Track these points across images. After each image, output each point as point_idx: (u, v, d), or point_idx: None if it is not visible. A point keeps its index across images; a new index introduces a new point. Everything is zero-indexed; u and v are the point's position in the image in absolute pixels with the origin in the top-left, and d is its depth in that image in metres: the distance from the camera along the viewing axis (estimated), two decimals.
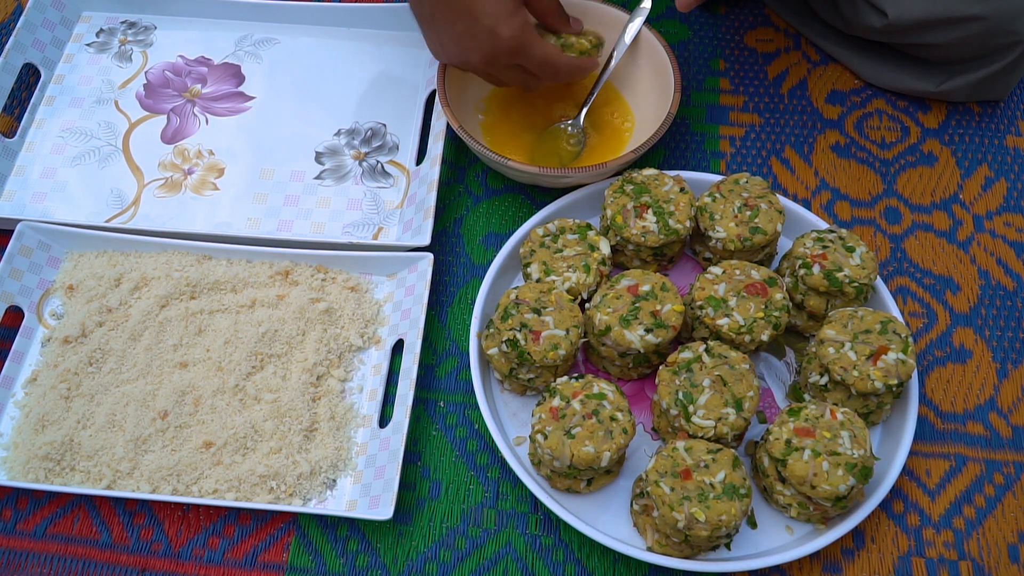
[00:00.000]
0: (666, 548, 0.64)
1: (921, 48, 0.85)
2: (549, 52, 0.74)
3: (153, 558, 0.67)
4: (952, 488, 0.70)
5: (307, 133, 0.88)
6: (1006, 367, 0.75)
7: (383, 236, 0.81)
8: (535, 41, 0.73)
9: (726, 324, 0.68)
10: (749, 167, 0.86)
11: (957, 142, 0.87)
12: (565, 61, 0.76)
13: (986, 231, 0.82)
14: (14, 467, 0.69)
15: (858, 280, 0.70)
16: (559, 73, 0.76)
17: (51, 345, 0.74)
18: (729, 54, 0.93)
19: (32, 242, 0.78)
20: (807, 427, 0.63)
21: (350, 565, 0.67)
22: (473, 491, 0.70)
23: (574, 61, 0.77)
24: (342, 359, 0.74)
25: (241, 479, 0.68)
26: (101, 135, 0.88)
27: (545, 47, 0.74)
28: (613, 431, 0.63)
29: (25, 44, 0.90)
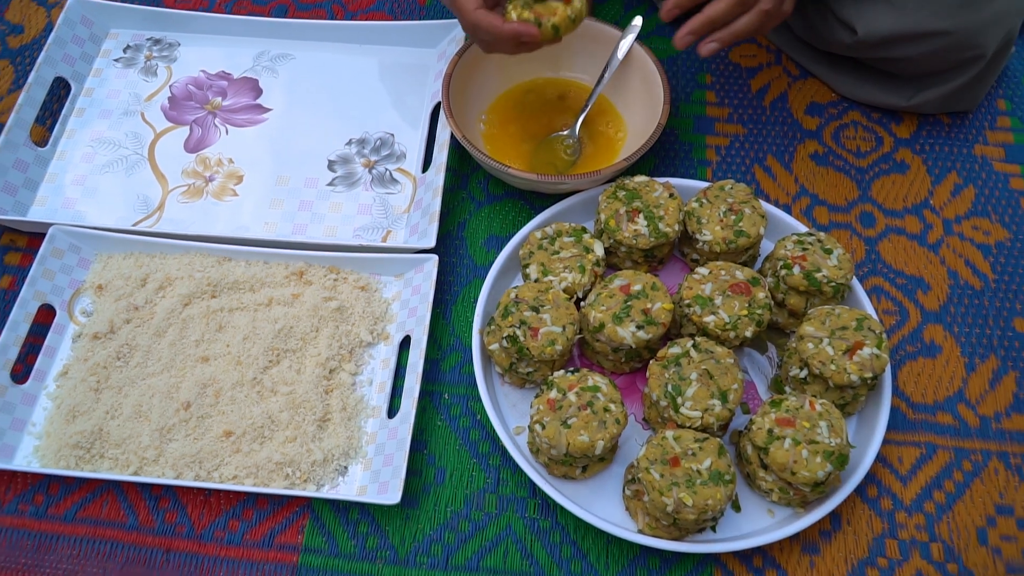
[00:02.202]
0: (656, 530, 0.64)
1: (890, 62, 0.85)
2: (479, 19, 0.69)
3: (177, 539, 0.67)
4: (923, 474, 0.70)
5: (320, 142, 0.88)
6: (973, 361, 0.75)
7: (391, 239, 0.81)
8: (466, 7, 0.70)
9: (712, 321, 0.68)
10: (734, 174, 0.86)
11: (928, 151, 0.87)
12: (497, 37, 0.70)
13: (955, 234, 0.82)
14: (46, 455, 0.69)
15: (835, 280, 0.70)
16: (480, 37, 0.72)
17: (81, 341, 0.74)
18: (715, 69, 0.93)
19: (63, 244, 0.78)
20: (788, 417, 0.63)
21: (360, 546, 0.67)
22: (475, 477, 0.70)
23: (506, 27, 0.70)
24: (353, 354, 0.74)
25: (259, 466, 0.68)
26: (128, 144, 0.88)
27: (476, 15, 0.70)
28: (606, 421, 0.63)
29: (56, 59, 0.90)
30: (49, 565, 0.66)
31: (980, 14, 0.78)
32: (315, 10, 0.99)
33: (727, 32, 0.71)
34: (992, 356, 0.75)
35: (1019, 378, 0.74)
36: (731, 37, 0.71)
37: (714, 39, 0.72)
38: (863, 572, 0.65)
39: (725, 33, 0.71)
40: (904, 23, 0.80)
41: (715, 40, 0.72)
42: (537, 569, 0.66)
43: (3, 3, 1.00)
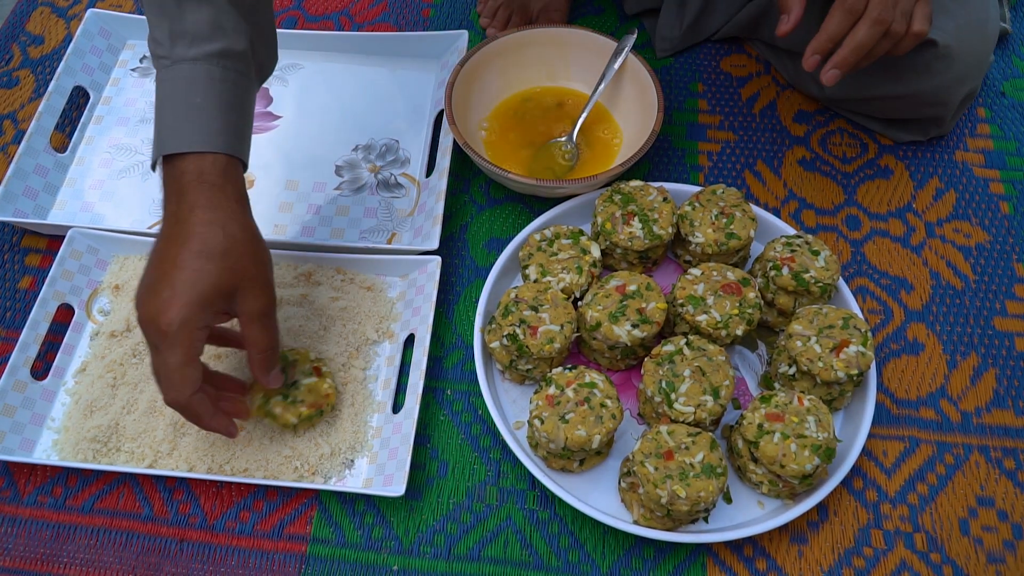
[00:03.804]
0: (650, 521, 0.63)
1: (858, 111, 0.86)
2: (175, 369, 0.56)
3: (190, 530, 0.67)
4: (907, 467, 0.69)
5: (328, 148, 0.87)
6: (955, 359, 0.74)
7: (396, 241, 0.80)
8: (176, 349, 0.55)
9: (704, 320, 0.68)
10: (725, 179, 0.85)
11: (911, 157, 0.86)
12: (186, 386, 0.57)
13: (937, 237, 0.81)
14: (65, 448, 0.68)
15: (822, 280, 0.69)
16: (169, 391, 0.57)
17: (99, 339, 0.74)
18: (707, 78, 0.93)
19: (82, 246, 0.77)
20: (777, 413, 0.63)
21: (366, 536, 0.66)
22: (477, 470, 0.69)
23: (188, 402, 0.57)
24: (359, 352, 0.73)
25: (269, 459, 0.67)
26: (144, 151, 0.87)
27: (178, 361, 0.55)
28: (603, 416, 0.62)
29: (75, 68, 0.89)
30: (67, 555, 0.66)
31: (940, 79, 0.77)
32: (323, 22, 0.99)
33: (846, 49, 0.65)
34: (973, 354, 0.74)
35: (999, 375, 0.73)
36: (852, 54, 0.65)
37: (835, 64, 0.66)
38: (849, 561, 0.65)
39: (845, 51, 0.65)
40: (866, 88, 0.80)
41: (835, 66, 0.66)
42: (536, 558, 0.65)
43: (24, 15, 1.00)
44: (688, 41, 0.93)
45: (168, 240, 0.57)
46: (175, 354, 0.55)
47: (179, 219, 0.56)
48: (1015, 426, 0.71)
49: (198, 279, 0.55)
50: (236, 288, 0.57)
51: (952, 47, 0.75)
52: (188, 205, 0.56)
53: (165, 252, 0.56)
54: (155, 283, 0.56)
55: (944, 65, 0.76)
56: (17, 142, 0.88)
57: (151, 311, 0.55)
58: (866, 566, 0.65)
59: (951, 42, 0.75)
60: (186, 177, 0.57)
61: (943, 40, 0.75)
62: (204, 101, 0.58)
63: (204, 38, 0.58)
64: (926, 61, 0.76)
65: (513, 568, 0.65)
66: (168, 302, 0.55)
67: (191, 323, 0.55)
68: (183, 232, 0.56)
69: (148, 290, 0.56)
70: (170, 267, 0.56)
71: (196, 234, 0.56)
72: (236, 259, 0.57)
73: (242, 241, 0.58)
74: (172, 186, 0.57)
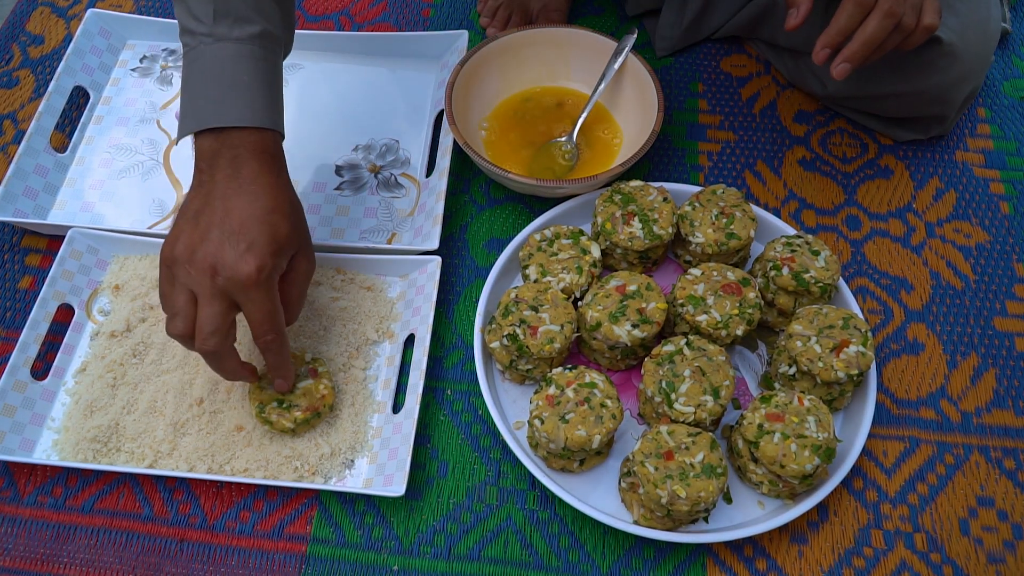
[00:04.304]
0: (650, 521, 0.63)
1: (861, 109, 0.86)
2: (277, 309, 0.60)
3: (190, 530, 0.67)
4: (907, 467, 0.69)
5: (328, 148, 0.87)
6: (955, 359, 0.74)
7: (396, 241, 0.80)
8: (271, 293, 0.59)
9: (704, 320, 0.68)
10: (725, 179, 0.85)
11: (911, 157, 0.86)
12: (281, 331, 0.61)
13: (937, 237, 0.81)
14: (65, 448, 0.68)
15: (823, 281, 0.69)
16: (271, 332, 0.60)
17: (99, 339, 0.74)
18: (707, 78, 0.93)
19: (82, 246, 0.77)
20: (777, 413, 0.63)
21: (367, 536, 0.66)
22: (477, 470, 0.69)
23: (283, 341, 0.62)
24: (359, 352, 0.73)
25: (269, 459, 0.67)
26: (144, 151, 0.87)
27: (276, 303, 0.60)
28: (603, 416, 0.62)
29: (75, 68, 0.89)
30: (67, 555, 0.66)
31: (944, 77, 0.77)
32: (323, 22, 0.99)
33: (857, 43, 0.64)
34: (973, 354, 0.74)
35: (999, 375, 0.73)
36: (863, 48, 0.64)
37: (845, 58, 0.65)
38: (849, 561, 0.65)
39: (856, 44, 0.64)
40: (869, 85, 0.80)
41: (845, 60, 0.66)
42: (536, 558, 0.65)
43: (24, 15, 1.00)
44: (688, 40, 0.93)
45: (228, 198, 0.59)
46: (271, 298, 0.59)
47: (241, 180, 0.59)
48: (1015, 426, 0.71)
49: (276, 233, 0.59)
50: (298, 247, 0.62)
51: (956, 45, 0.75)
52: (253, 169, 0.60)
53: (228, 208, 0.59)
54: (228, 236, 0.58)
55: (948, 63, 0.76)
56: (17, 142, 0.88)
57: (230, 262, 0.57)
58: (866, 566, 0.65)
59: (955, 40, 0.75)
60: (247, 147, 0.60)
61: (948, 37, 0.75)
62: (251, 80, 0.61)
63: (247, 19, 0.61)
64: (930, 58, 0.76)
65: (513, 568, 0.65)
66: (251, 253, 0.58)
67: (275, 270, 0.60)
68: (252, 191, 0.59)
69: (216, 243, 0.58)
70: (243, 221, 0.58)
71: (267, 192, 0.60)
72: (300, 220, 0.63)
73: (300, 207, 0.64)
74: (226, 153, 0.60)
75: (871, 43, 0.64)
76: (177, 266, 0.59)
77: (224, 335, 0.59)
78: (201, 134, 0.60)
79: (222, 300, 0.58)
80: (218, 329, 0.59)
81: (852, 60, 0.66)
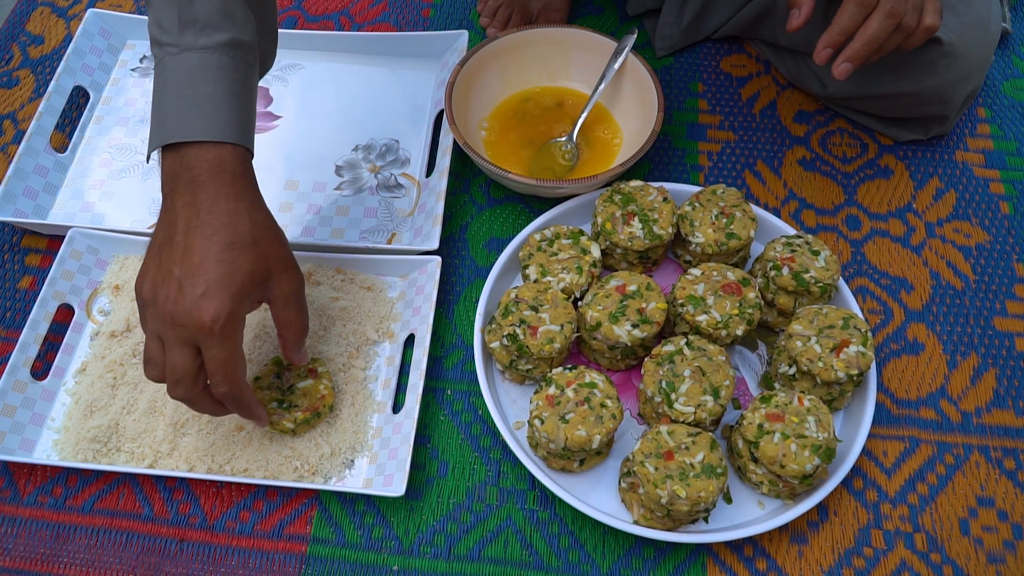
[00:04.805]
0: (650, 521, 0.63)
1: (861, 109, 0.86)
2: (232, 359, 0.56)
3: (190, 530, 0.67)
4: (907, 467, 0.69)
5: (328, 148, 0.87)
6: (955, 359, 0.74)
7: (396, 241, 0.80)
8: (228, 341, 0.55)
9: (704, 320, 0.68)
10: (725, 179, 0.85)
11: (911, 157, 0.86)
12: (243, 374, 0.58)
13: (937, 237, 0.81)
14: (65, 448, 0.68)
15: (823, 281, 0.69)
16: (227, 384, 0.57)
17: (99, 339, 0.74)
18: (707, 78, 0.93)
19: (82, 246, 0.77)
20: (777, 413, 0.63)
21: (367, 536, 0.66)
22: (477, 470, 0.69)
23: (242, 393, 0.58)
24: (359, 352, 0.73)
25: (269, 459, 0.67)
26: (144, 151, 0.87)
27: (232, 352, 0.56)
28: (603, 416, 0.62)
29: (75, 68, 0.89)
30: (67, 555, 0.66)
31: (944, 77, 0.77)
32: (324, 22, 0.99)
33: (859, 42, 0.64)
34: (973, 354, 0.74)
35: (999, 375, 0.73)
36: (865, 47, 0.64)
37: (847, 57, 0.65)
38: (849, 561, 0.65)
39: (858, 43, 0.64)
40: (869, 86, 0.80)
41: (847, 59, 0.65)
42: (536, 558, 0.65)
43: (24, 15, 1.00)
44: (688, 39, 0.93)
45: (188, 230, 0.55)
46: (225, 348, 0.55)
47: (198, 207, 0.55)
48: (1015, 426, 0.71)
49: (235, 272, 0.55)
50: (269, 274, 0.58)
51: (956, 45, 0.75)
52: (210, 195, 0.55)
53: (188, 244, 0.55)
54: (185, 279, 0.54)
55: (948, 63, 0.76)
56: (17, 142, 0.88)
57: (185, 309, 0.54)
58: (866, 566, 0.65)
59: (955, 40, 0.75)
60: (203, 166, 0.55)
61: (947, 38, 0.75)
62: (215, 91, 0.56)
63: (214, 27, 0.57)
64: (930, 59, 0.76)
65: (513, 568, 0.65)
66: (208, 298, 0.54)
67: (235, 316, 0.55)
68: (209, 223, 0.55)
69: (175, 286, 0.54)
70: (200, 261, 0.54)
71: (224, 224, 0.55)
72: (266, 246, 0.57)
73: (268, 228, 0.58)
74: (184, 175, 0.56)
75: (873, 43, 0.64)
76: (146, 308, 0.56)
77: (191, 383, 0.56)
78: (164, 152, 0.57)
79: (184, 347, 0.55)
80: (183, 377, 0.56)
81: (854, 59, 0.66)
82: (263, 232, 0.58)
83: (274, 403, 0.67)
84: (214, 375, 0.56)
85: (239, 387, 0.58)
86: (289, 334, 0.61)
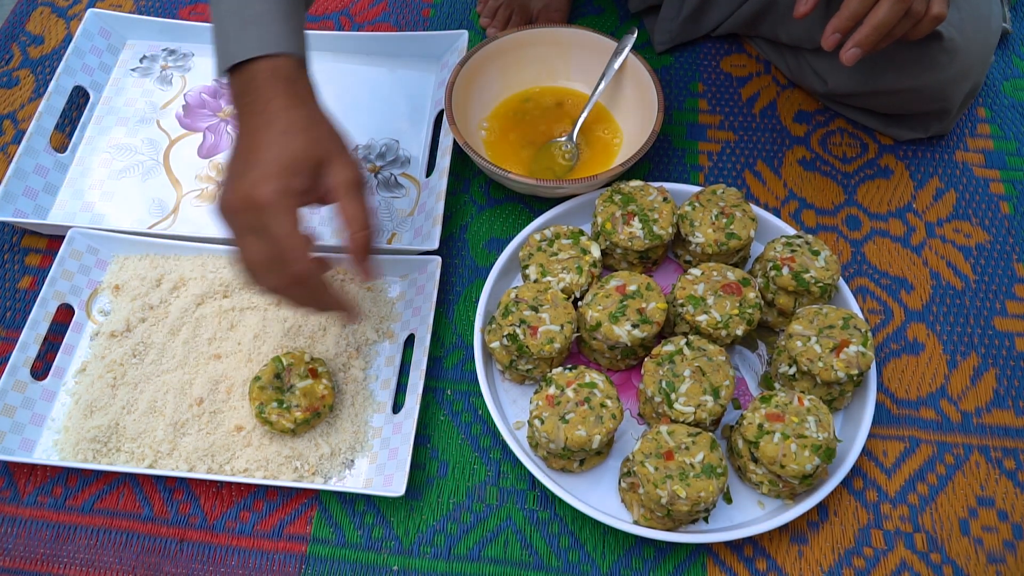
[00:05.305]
0: (650, 521, 0.63)
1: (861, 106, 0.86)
2: (292, 237, 0.55)
3: (190, 530, 0.67)
4: (907, 467, 0.69)
5: None
6: (955, 359, 0.74)
7: (396, 241, 0.80)
8: (284, 218, 0.55)
9: (704, 320, 0.68)
10: (725, 179, 0.85)
11: (911, 157, 0.86)
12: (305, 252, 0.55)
13: (937, 237, 0.81)
14: (65, 448, 0.68)
15: (823, 281, 0.69)
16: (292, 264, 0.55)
17: (99, 339, 0.74)
18: (707, 78, 0.93)
19: (82, 246, 0.77)
20: (777, 413, 0.63)
21: (367, 536, 0.66)
22: (477, 470, 0.69)
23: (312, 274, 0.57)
24: (360, 352, 0.73)
25: (269, 459, 0.67)
26: (144, 151, 0.87)
27: (291, 230, 0.55)
28: (603, 416, 0.62)
29: (75, 68, 0.89)
30: (67, 555, 0.66)
31: (945, 73, 0.77)
32: (323, 22, 0.99)
33: (868, 27, 0.64)
34: (973, 354, 0.74)
35: (999, 375, 0.73)
36: (873, 32, 0.64)
37: (855, 43, 0.65)
38: (849, 561, 0.65)
39: (867, 28, 0.64)
40: (870, 82, 0.80)
41: (856, 44, 0.65)
42: (536, 558, 0.65)
43: (24, 15, 1.00)
44: (688, 34, 0.93)
45: (248, 132, 0.58)
46: (282, 222, 0.55)
47: (256, 111, 0.57)
48: (1015, 426, 0.71)
49: (283, 151, 0.56)
50: (322, 160, 0.57)
51: (957, 40, 0.75)
52: (266, 97, 0.58)
53: (247, 142, 0.57)
54: (241, 169, 0.56)
55: (948, 58, 0.76)
56: (17, 142, 0.88)
57: (242, 193, 0.55)
58: (866, 566, 0.65)
59: (956, 36, 0.75)
60: (260, 78, 0.58)
61: (948, 33, 0.75)
62: (265, 9, 0.59)
63: None
64: (931, 54, 0.76)
65: (513, 568, 0.65)
66: (260, 178, 0.55)
67: (287, 190, 0.55)
68: (264, 120, 0.57)
69: (235, 178, 0.56)
70: (255, 150, 0.56)
71: (278, 116, 0.57)
72: (320, 132, 0.58)
73: (322, 119, 0.60)
74: (245, 87, 0.58)
75: (882, 28, 0.64)
76: (220, 216, 0.57)
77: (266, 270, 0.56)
78: (231, 77, 0.59)
79: (250, 234, 0.56)
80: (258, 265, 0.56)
81: (862, 45, 0.65)
82: (317, 121, 0.59)
83: (274, 403, 0.67)
84: (279, 257, 0.55)
85: (305, 269, 0.56)
86: (353, 229, 0.58)
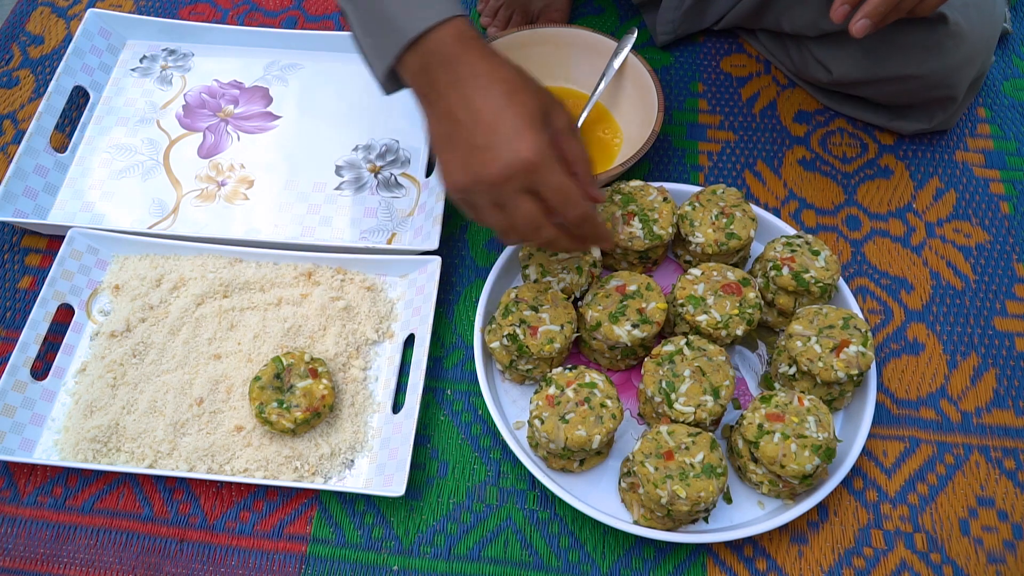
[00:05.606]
0: (650, 521, 0.63)
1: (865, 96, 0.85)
2: (568, 182, 0.57)
3: (190, 530, 0.67)
4: (907, 467, 0.69)
5: (328, 148, 0.87)
6: (955, 359, 0.74)
7: (396, 241, 0.80)
8: (556, 167, 0.56)
9: (704, 320, 0.68)
10: (725, 179, 0.85)
11: (911, 157, 0.86)
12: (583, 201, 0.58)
13: (937, 237, 0.81)
14: (65, 448, 0.68)
15: (823, 281, 0.69)
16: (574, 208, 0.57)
17: (99, 339, 0.74)
18: (707, 78, 0.93)
19: (82, 246, 0.77)
20: (777, 413, 0.63)
21: (367, 536, 0.66)
22: (477, 470, 0.69)
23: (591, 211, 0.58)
24: (359, 352, 0.73)
25: (268, 459, 0.67)
26: (144, 151, 0.87)
27: (565, 176, 0.56)
28: (603, 416, 0.62)
29: (75, 68, 0.89)
30: (67, 555, 0.66)
31: (950, 59, 0.77)
32: (324, 21, 0.99)
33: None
34: (973, 354, 0.74)
35: (999, 375, 0.73)
36: (882, 3, 0.63)
37: (865, 14, 0.64)
38: (849, 561, 0.65)
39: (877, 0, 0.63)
40: (875, 68, 0.80)
41: (865, 15, 0.64)
42: (536, 558, 0.65)
43: (24, 15, 1.00)
44: (690, 27, 0.92)
45: (467, 104, 0.56)
46: (555, 171, 0.55)
47: (461, 79, 0.56)
48: (1015, 426, 0.71)
49: (526, 109, 0.56)
50: (546, 109, 0.58)
51: (961, 25, 0.75)
52: (468, 62, 0.57)
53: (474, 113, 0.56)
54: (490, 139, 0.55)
55: (954, 43, 0.76)
56: (17, 142, 0.88)
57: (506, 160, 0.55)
58: (866, 566, 0.65)
59: (960, 20, 0.75)
60: (447, 44, 0.57)
61: (953, 17, 0.75)
62: None
63: None
64: (937, 38, 0.76)
65: (513, 568, 0.65)
66: (520, 138, 0.54)
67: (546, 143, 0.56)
68: (481, 85, 0.56)
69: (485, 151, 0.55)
70: (494, 117, 0.55)
71: (494, 79, 0.56)
72: (534, 83, 0.59)
73: (524, 71, 0.59)
74: (433, 64, 0.57)
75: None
76: (468, 195, 0.57)
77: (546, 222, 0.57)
78: (403, 58, 0.59)
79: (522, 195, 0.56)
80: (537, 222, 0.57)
81: (871, 16, 0.65)
82: (524, 75, 0.59)
83: (274, 403, 0.67)
84: (562, 204, 0.57)
85: (586, 207, 0.58)
86: (580, 168, 0.59)
